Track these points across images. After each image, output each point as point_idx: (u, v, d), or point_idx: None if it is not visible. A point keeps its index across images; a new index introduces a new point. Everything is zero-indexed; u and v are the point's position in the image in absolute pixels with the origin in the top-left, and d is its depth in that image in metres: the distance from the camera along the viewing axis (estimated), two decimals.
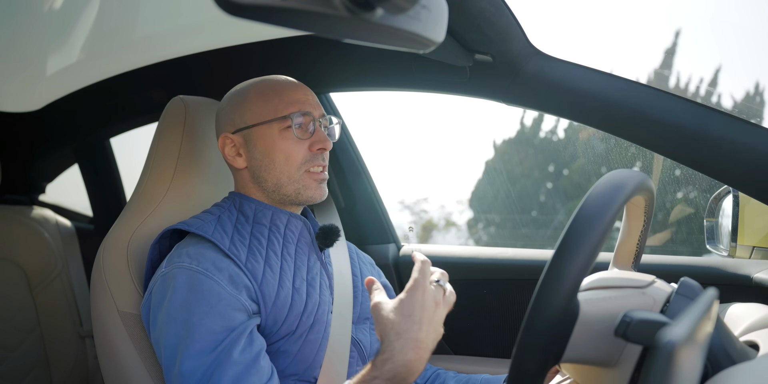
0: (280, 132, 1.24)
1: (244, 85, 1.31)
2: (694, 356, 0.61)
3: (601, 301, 0.85)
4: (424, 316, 0.95)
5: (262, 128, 1.25)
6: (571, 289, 0.74)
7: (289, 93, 1.27)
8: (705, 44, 11.32)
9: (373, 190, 2.05)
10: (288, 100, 1.25)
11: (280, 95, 1.26)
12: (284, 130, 1.24)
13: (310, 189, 1.27)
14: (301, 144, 1.25)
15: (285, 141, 1.24)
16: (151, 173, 1.39)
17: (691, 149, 1.27)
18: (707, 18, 9.21)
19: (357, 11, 0.53)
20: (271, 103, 1.25)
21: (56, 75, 2.09)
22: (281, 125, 1.24)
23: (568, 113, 1.40)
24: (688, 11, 9.17)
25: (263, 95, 1.26)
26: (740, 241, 1.54)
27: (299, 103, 1.26)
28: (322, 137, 1.26)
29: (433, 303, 0.97)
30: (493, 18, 1.24)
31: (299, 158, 1.25)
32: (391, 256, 2.00)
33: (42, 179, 2.76)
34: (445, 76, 1.53)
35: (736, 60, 8.55)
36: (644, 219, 1.07)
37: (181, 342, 1.09)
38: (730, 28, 8.60)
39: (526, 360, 0.74)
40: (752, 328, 0.99)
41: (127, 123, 2.35)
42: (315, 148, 1.25)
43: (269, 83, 1.29)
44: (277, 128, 1.24)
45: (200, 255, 1.15)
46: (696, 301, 0.67)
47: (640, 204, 1.03)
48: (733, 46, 9.06)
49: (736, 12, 10.76)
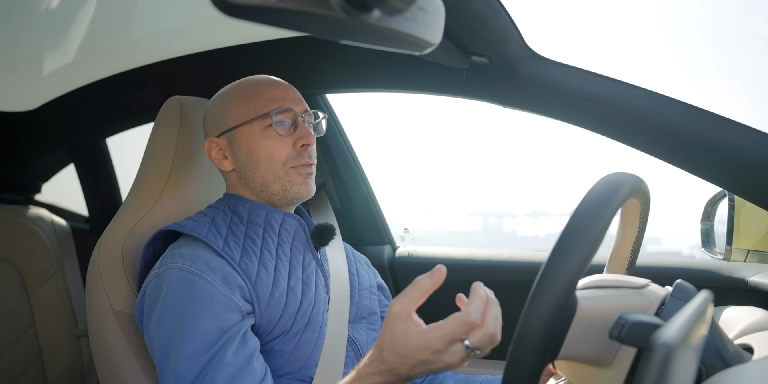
0: (261, 131, 1.24)
1: (225, 89, 1.31)
2: (688, 359, 0.61)
3: (598, 299, 0.85)
4: (421, 361, 0.86)
5: (244, 129, 1.25)
6: (570, 284, 0.74)
7: (268, 91, 1.26)
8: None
9: (369, 191, 2.04)
10: (267, 98, 1.25)
11: (259, 94, 1.26)
12: (265, 128, 1.24)
13: (295, 184, 1.26)
14: (284, 141, 1.24)
15: (267, 139, 1.24)
16: (147, 173, 1.39)
17: (687, 152, 1.27)
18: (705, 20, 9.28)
19: (353, 12, 0.53)
20: (250, 102, 1.25)
21: (53, 75, 2.09)
22: (262, 124, 1.24)
23: (564, 116, 1.40)
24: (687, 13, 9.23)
25: (243, 96, 1.26)
26: (735, 245, 1.54)
27: (279, 99, 1.25)
28: (305, 133, 1.25)
29: (438, 360, 0.85)
30: (489, 20, 1.24)
31: (283, 156, 1.24)
32: (387, 258, 2.00)
33: (38, 179, 2.75)
34: (442, 77, 1.53)
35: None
36: (639, 225, 1.08)
37: (174, 343, 1.08)
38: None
39: (524, 355, 0.74)
40: (747, 331, 1.00)
41: (123, 123, 2.35)
42: (299, 145, 1.25)
43: (248, 83, 1.29)
44: (259, 127, 1.24)
45: (193, 255, 1.15)
46: (690, 304, 0.67)
47: (636, 209, 1.03)
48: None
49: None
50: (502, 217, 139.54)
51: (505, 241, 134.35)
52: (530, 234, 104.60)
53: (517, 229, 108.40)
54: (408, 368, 0.87)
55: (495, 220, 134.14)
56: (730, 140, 1.22)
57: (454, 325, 0.84)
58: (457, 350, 0.85)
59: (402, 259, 2.01)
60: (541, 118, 1.45)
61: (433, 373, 0.89)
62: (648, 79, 71.22)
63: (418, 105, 75.42)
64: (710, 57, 71.88)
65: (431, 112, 59.01)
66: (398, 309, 0.87)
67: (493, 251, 1.89)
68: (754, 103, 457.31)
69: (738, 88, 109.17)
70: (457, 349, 0.85)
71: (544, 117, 1.44)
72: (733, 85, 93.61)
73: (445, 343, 0.84)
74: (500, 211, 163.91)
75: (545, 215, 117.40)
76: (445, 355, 0.85)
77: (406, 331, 0.86)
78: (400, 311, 0.87)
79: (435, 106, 57.28)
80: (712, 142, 1.24)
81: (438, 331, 0.84)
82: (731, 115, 1.45)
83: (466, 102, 1.58)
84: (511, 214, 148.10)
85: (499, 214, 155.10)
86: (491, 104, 1.50)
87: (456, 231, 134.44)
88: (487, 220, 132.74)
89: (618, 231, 1.12)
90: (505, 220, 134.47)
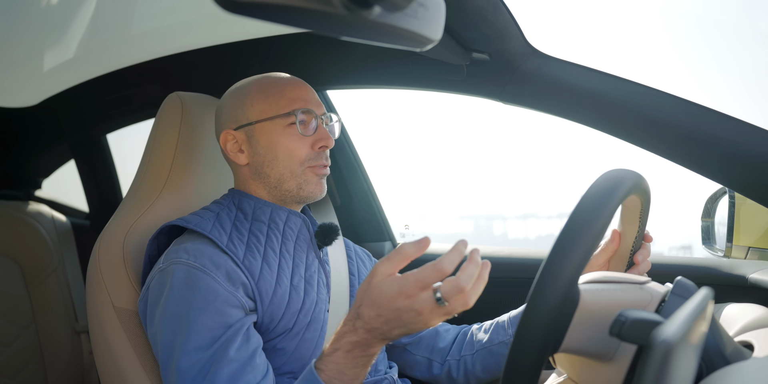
0: (283, 128, 1.24)
1: (245, 82, 1.31)
2: (688, 356, 0.61)
3: (600, 292, 0.86)
4: (394, 309, 0.90)
5: (265, 125, 1.25)
6: (573, 274, 0.75)
7: (292, 90, 1.27)
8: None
9: (370, 188, 2.04)
10: (291, 97, 1.26)
11: (283, 92, 1.26)
12: (288, 126, 1.24)
13: (311, 184, 1.27)
14: (303, 141, 1.25)
15: (288, 137, 1.24)
16: (148, 169, 1.39)
17: (688, 149, 1.27)
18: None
19: (354, 9, 0.53)
20: (273, 99, 1.25)
21: (53, 70, 2.08)
22: (285, 122, 1.24)
23: (564, 113, 1.40)
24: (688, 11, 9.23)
25: (265, 92, 1.27)
26: (736, 242, 1.54)
27: (302, 100, 1.26)
28: (324, 135, 1.26)
29: (409, 309, 0.90)
30: (490, 16, 1.24)
31: (302, 155, 1.25)
32: (387, 254, 2.00)
33: (38, 174, 2.75)
34: (442, 74, 1.53)
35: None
36: (639, 224, 1.08)
37: (177, 338, 1.09)
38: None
39: (526, 345, 0.75)
40: (747, 329, 1.00)
41: (124, 119, 2.35)
42: (317, 146, 1.25)
43: (271, 80, 1.29)
44: (281, 125, 1.24)
45: (198, 251, 1.15)
46: (690, 301, 0.67)
47: (636, 207, 1.03)
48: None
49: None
50: (493, 220, 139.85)
51: (496, 244, 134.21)
52: (520, 236, 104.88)
53: (507, 231, 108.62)
54: (383, 322, 0.91)
55: (486, 222, 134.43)
56: (731, 137, 1.22)
57: (427, 271, 0.89)
58: (426, 297, 0.89)
59: None
60: (533, 119, 1.46)
61: (407, 329, 0.92)
62: (649, 76, 70.72)
63: (408, 109, 73.79)
64: (711, 54, 70.61)
65: (422, 117, 57.46)
66: (381, 269, 0.92)
67: (494, 248, 1.89)
68: (755, 100, 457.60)
69: (739, 85, 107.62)
70: (426, 296, 0.89)
71: (544, 114, 1.43)
72: (734, 82, 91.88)
73: (417, 289, 0.89)
74: (491, 214, 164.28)
75: (535, 217, 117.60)
76: (416, 302, 0.89)
77: (382, 282, 0.91)
78: (383, 270, 0.92)
79: (426, 110, 54.68)
80: (712, 139, 1.24)
81: (411, 276, 0.89)
82: (732, 112, 1.46)
83: (458, 104, 1.59)
84: (502, 216, 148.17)
85: (490, 216, 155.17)
86: (491, 101, 1.50)
87: (449, 234, 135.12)
88: (479, 222, 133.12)
89: (618, 229, 1.13)
90: (495, 222, 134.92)
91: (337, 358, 0.96)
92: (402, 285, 0.89)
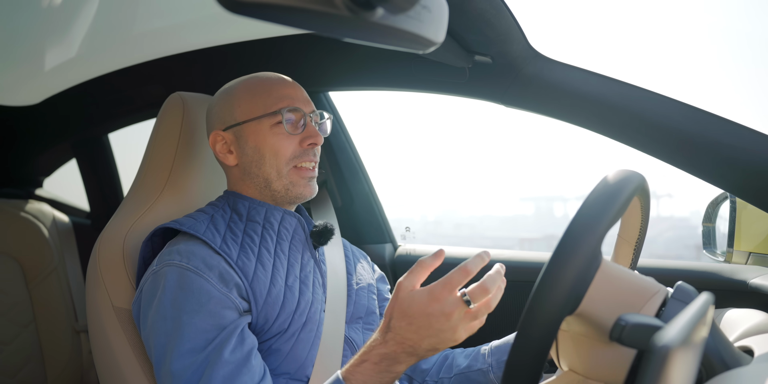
0: (270, 128, 1.25)
1: (232, 83, 1.32)
2: (688, 361, 0.61)
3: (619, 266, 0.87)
4: (426, 314, 0.92)
5: (252, 125, 1.25)
6: (599, 234, 0.76)
7: (278, 89, 1.27)
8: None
9: (371, 190, 2.04)
10: (277, 96, 1.26)
11: (269, 91, 1.26)
12: (275, 125, 1.25)
13: (298, 186, 1.27)
14: (291, 139, 1.25)
15: (275, 136, 1.25)
16: (149, 169, 1.39)
17: (689, 154, 1.27)
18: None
19: (358, 11, 0.53)
20: (260, 98, 1.26)
21: (55, 70, 2.09)
22: (271, 121, 1.25)
23: (566, 116, 1.40)
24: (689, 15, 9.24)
25: (252, 92, 1.27)
26: (737, 247, 1.54)
27: (288, 98, 1.26)
28: (313, 132, 1.27)
29: (440, 313, 0.92)
30: (493, 19, 1.24)
31: (288, 153, 1.25)
32: (388, 256, 2.00)
33: (40, 173, 2.76)
34: (445, 76, 1.53)
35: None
36: (640, 226, 1.07)
37: (170, 340, 1.08)
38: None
39: (546, 299, 0.75)
40: (747, 334, 1.00)
41: (125, 118, 2.35)
42: (306, 144, 1.26)
43: (258, 80, 1.29)
44: (268, 124, 1.25)
45: (191, 253, 1.15)
46: (691, 306, 0.67)
47: (636, 209, 1.03)
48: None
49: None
50: (553, 201, 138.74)
51: (558, 226, 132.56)
52: None
53: (568, 212, 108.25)
54: (414, 330, 0.93)
55: (546, 204, 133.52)
56: (733, 142, 1.22)
57: (453, 274, 0.94)
58: (454, 299, 0.92)
59: (403, 257, 2.00)
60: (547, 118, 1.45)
61: (437, 339, 0.94)
62: (651, 81, 70.67)
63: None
64: (713, 58, 70.42)
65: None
66: (406, 283, 0.96)
67: (495, 251, 1.89)
68: (757, 105, 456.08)
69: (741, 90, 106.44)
70: (454, 297, 0.93)
71: (546, 117, 1.43)
72: (736, 87, 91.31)
73: (446, 291, 0.92)
74: (551, 196, 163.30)
75: None
76: (446, 305, 0.92)
77: (412, 293, 0.95)
78: (408, 284, 0.96)
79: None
80: (714, 144, 1.24)
81: (439, 281, 0.94)
82: (734, 117, 1.46)
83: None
84: (562, 198, 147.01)
85: (551, 198, 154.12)
86: (494, 104, 1.50)
87: (509, 215, 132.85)
88: (539, 204, 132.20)
89: (619, 231, 1.12)
90: (556, 204, 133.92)
91: (364, 369, 0.97)
92: (432, 290, 0.93)
